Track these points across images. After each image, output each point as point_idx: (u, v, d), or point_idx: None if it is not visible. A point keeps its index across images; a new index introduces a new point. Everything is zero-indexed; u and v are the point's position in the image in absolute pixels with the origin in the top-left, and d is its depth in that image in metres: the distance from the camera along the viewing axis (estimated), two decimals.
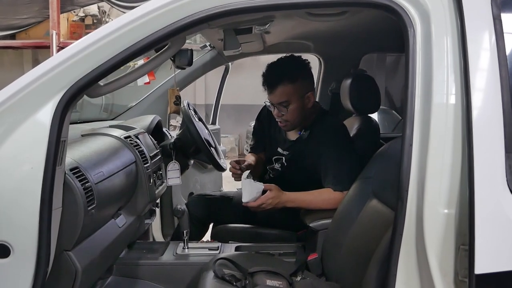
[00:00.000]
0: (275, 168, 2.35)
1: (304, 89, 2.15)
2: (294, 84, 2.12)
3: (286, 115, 2.16)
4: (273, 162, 2.36)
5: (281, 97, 2.14)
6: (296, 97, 2.14)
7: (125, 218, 1.87)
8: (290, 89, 2.12)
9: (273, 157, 2.36)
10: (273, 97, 2.16)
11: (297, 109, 2.15)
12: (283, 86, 2.12)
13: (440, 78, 1.16)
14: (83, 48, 1.28)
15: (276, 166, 2.34)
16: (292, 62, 2.19)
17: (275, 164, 2.35)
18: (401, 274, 1.17)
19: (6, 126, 1.26)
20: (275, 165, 2.35)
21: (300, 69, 2.17)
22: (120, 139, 1.97)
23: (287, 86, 2.12)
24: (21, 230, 1.25)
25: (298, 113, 2.16)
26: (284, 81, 2.12)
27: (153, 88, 3.02)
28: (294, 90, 2.13)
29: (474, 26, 1.14)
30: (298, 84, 2.13)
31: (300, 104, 2.15)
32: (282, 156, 2.31)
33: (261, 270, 1.69)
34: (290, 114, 2.16)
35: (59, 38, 5.67)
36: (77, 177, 1.45)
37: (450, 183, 1.13)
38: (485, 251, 1.07)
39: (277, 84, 2.13)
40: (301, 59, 2.21)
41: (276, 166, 2.34)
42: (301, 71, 2.17)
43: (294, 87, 2.12)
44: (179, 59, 1.79)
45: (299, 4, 1.33)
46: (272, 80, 2.15)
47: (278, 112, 2.18)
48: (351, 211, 1.73)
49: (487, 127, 1.11)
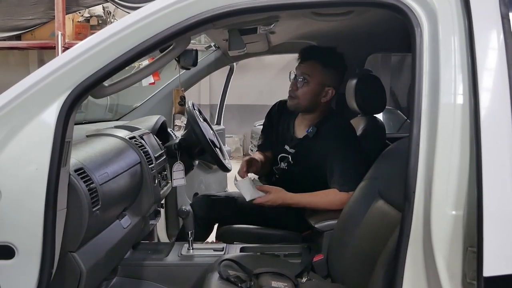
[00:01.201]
0: (281, 168, 2.34)
1: (328, 80, 2.17)
2: (323, 68, 2.15)
3: (299, 91, 2.18)
4: (279, 161, 2.35)
5: (306, 70, 2.16)
6: (317, 80, 2.15)
7: (130, 219, 1.86)
8: (317, 69, 2.15)
9: (279, 155, 2.35)
10: (300, 67, 2.19)
11: (311, 93, 2.17)
12: (314, 62, 2.15)
13: (448, 78, 1.15)
14: (88, 49, 1.28)
15: (282, 165, 2.33)
16: (334, 52, 2.22)
17: (281, 164, 2.34)
18: (408, 276, 1.16)
19: (11, 127, 1.26)
20: (281, 164, 2.34)
21: (337, 62, 2.20)
22: (125, 139, 1.97)
23: (317, 64, 2.15)
24: (25, 231, 1.25)
25: (309, 96, 2.17)
26: (317, 58, 2.15)
27: (158, 88, 3.02)
28: (320, 73, 2.15)
29: (482, 25, 1.13)
30: (326, 71, 2.15)
31: (317, 90, 2.17)
32: (288, 155, 2.30)
33: (266, 271, 1.69)
34: (302, 92, 2.17)
35: (65, 39, 5.69)
36: (82, 178, 1.45)
37: (458, 184, 1.11)
38: (493, 253, 1.05)
39: (310, 57, 2.17)
40: (342, 57, 2.24)
41: (282, 165, 2.33)
42: (337, 64, 2.20)
43: (322, 71, 2.15)
44: (184, 59, 1.79)
45: (304, 4, 1.32)
46: (310, 51, 2.20)
47: (294, 83, 2.19)
48: (357, 212, 1.72)
49: (496, 127, 1.10)
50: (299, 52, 2.23)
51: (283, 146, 2.35)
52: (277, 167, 2.38)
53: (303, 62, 2.19)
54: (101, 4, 6.15)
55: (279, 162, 2.36)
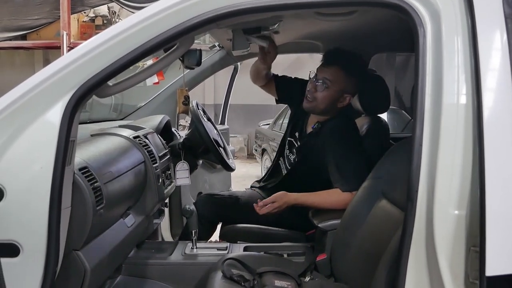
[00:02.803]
0: (289, 158, 2.37)
1: (348, 87, 2.16)
2: (346, 76, 2.14)
3: (318, 94, 2.17)
4: (287, 146, 2.39)
5: (328, 75, 2.15)
6: (338, 87, 2.14)
7: (134, 217, 1.87)
8: (340, 76, 2.14)
9: (288, 139, 2.39)
10: (322, 70, 2.17)
11: (330, 98, 2.16)
12: (338, 67, 2.14)
13: (451, 78, 1.15)
14: (92, 49, 1.28)
15: (291, 156, 2.35)
16: (359, 60, 2.22)
17: (288, 151, 2.38)
18: (410, 275, 1.16)
19: (16, 126, 1.26)
20: (289, 154, 2.37)
21: (359, 69, 2.19)
22: (129, 139, 1.98)
23: (341, 71, 2.13)
24: (30, 229, 1.26)
25: (327, 101, 2.17)
26: (343, 65, 2.13)
27: (162, 88, 3.02)
28: (342, 80, 2.14)
29: (485, 25, 1.13)
30: (349, 79, 2.14)
31: (336, 96, 2.16)
32: (295, 145, 2.33)
33: (270, 270, 1.69)
34: (321, 95, 2.16)
35: (70, 39, 5.72)
36: (86, 177, 1.46)
37: (461, 184, 1.11)
38: (496, 253, 1.05)
39: (335, 63, 2.15)
40: (366, 65, 2.25)
41: (290, 156, 2.36)
42: (359, 71, 2.18)
43: (344, 77, 2.14)
44: (188, 59, 1.80)
45: (308, 3, 1.32)
46: (335, 56, 2.18)
47: (313, 85, 2.18)
48: (360, 212, 1.72)
49: (499, 127, 1.10)
50: (323, 54, 2.22)
51: (294, 130, 2.38)
52: (285, 155, 2.40)
53: (326, 66, 2.16)
54: (106, 4, 6.17)
55: (287, 148, 2.39)
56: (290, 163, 2.37)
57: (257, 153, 8.46)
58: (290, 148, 2.37)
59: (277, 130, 7.33)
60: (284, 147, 2.44)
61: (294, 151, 2.34)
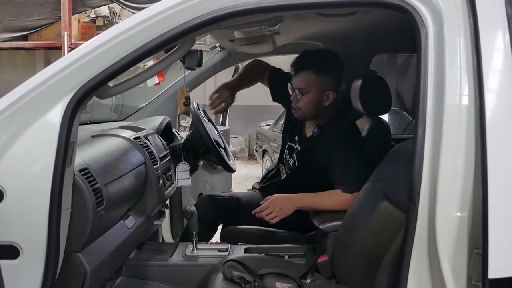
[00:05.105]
0: (289, 163, 2.36)
1: (326, 85, 2.14)
2: (318, 76, 2.12)
3: (300, 103, 2.17)
4: (286, 152, 2.37)
5: (301, 83, 2.15)
6: (315, 89, 2.14)
7: (135, 219, 1.87)
8: (312, 79, 2.13)
9: (288, 144, 2.38)
10: (295, 80, 2.17)
11: (312, 102, 2.15)
12: (306, 72, 2.13)
13: (453, 79, 1.14)
14: (93, 49, 1.28)
15: (290, 161, 2.34)
16: (325, 55, 2.21)
17: (288, 157, 2.36)
18: (412, 277, 1.16)
19: (16, 127, 1.26)
20: (289, 159, 2.35)
21: (330, 64, 2.17)
22: (130, 140, 1.97)
23: (310, 74, 2.13)
24: (30, 231, 1.25)
25: (312, 105, 2.16)
26: (309, 68, 2.13)
27: (163, 89, 3.02)
28: (316, 82, 2.13)
29: (488, 26, 1.13)
30: (321, 77, 2.13)
31: (318, 98, 2.15)
32: (295, 149, 2.32)
33: (271, 272, 1.69)
34: (303, 103, 2.16)
35: (71, 39, 5.73)
36: (87, 178, 1.45)
37: (463, 185, 1.11)
38: (499, 255, 1.05)
39: (302, 68, 2.15)
40: (336, 56, 2.21)
41: (290, 161, 2.35)
42: (330, 66, 2.17)
43: (317, 78, 2.12)
44: (188, 60, 1.79)
45: (309, 4, 1.32)
46: (300, 63, 2.17)
47: (294, 96, 2.18)
48: (361, 213, 1.72)
49: (501, 128, 1.09)
50: (290, 66, 2.22)
51: (293, 135, 2.37)
52: (285, 159, 2.39)
53: (296, 74, 2.17)
54: (107, 5, 6.18)
55: (286, 153, 2.37)
56: (289, 167, 2.35)
57: (258, 154, 8.46)
58: (290, 152, 2.36)
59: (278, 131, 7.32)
60: (284, 152, 2.42)
61: (294, 155, 2.32)
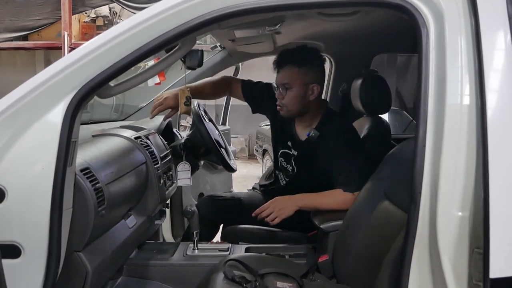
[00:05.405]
0: (287, 170, 2.34)
1: (309, 78, 2.14)
2: (300, 69, 2.12)
3: (285, 99, 2.16)
4: (280, 158, 2.36)
5: (284, 78, 2.15)
6: (298, 82, 2.13)
7: (135, 218, 1.87)
8: (294, 73, 2.13)
9: (281, 150, 2.35)
10: (278, 77, 2.18)
11: (297, 96, 2.15)
12: (289, 67, 2.13)
13: (454, 79, 1.14)
14: (94, 49, 1.28)
15: (288, 167, 2.32)
16: (305, 49, 2.20)
17: (285, 163, 2.34)
18: (413, 277, 1.16)
19: (18, 127, 1.26)
20: (287, 165, 2.33)
21: (311, 57, 2.17)
22: (131, 139, 1.97)
23: (292, 68, 2.13)
24: (32, 230, 1.26)
25: (297, 100, 2.16)
26: (291, 63, 2.13)
27: (163, 88, 3.02)
28: (299, 75, 2.12)
29: (489, 26, 1.12)
30: (304, 70, 2.13)
31: (302, 92, 2.14)
32: (291, 155, 2.30)
33: (271, 271, 1.68)
34: (289, 99, 2.15)
35: (71, 39, 5.72)
36: (88, 177, 1.45)
37: (464, 185, 1.11)
38: (500, 255, 1.05)
39: (284, 64, 2.15)
40: (316, 50, 2.22)
41: (288, 167, 2.33)
42: (311, 59, 2.17)
43: (299, 72, 2.12)
44: (189, 59, 1.79)
45: (310, 4, 1.32)
46: (281, 59, 2.17)
47: (279, 93, 2.18)
48: (362, 213, 1.72)
49: (502, 128, 1.09)
50: (272, 64, 2.21)
51: (285, 141, 2.34)
52: (281, 167, 2.37)
53: (279, 71, 2.17)
54: (107, 5, 6.17)
55: (281, 160, 2.36)
56: (288, 174, 2.33)
57: (258, 153, 8.45)
58: (286, 159, 2.34)
59: None
60: (278, 159, 2.40)
61: (292, 161, 2.30)
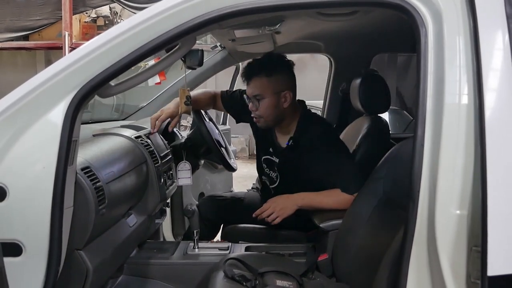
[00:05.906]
0: (271, 177, 2.32)
1: (280, 86, 2.12)
2: (269, 78, 2.10)
3: (259, 110, 2.14)
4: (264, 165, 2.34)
5: (255, 89, 2.12)
6: (270, 92, 2.11)
7: (136, 217, 1.87)
8: (264, 83, 2.10)
9: (264, 157, 2.34)
10: (248, 89, 2.15)
11: (271, 106, 2.12)
12: (258, 78, 2.11)
13: (452, 78, 1.15)
14: (94, 49, 1.29)
15: (272, 174, 2.31)
16: (272, 57, 2.18)
17: (268, 170, 2.33)
18: (412, 275, 1.16)
19: (19, 126, 1.27)
20: (270, 172, 2.32)
21: (279, 65, 2.15)
22: (131, 139, 1.98)
23: (262, 78, 2.10)
24: (33, 229, 1.26)
25: (271, 110, 2.13)
26: (259, 73, 2.11)
27: (164, 88, 3.03)
28: (269, 84, 2.10)
29: (487, 26, 1.13)
30: (273, 79, 2.10)
31: (274, 101, 2.12)
32: (274, 162, 2.28)
33: (271, 270, 1.69)
34: (262, 109, 2.13)
35: (72, 39, 5.73)
36: (88, 176, 1.46)
37: (463, 184, 1.12)
38: (498, 253, 1.05)
39: (252, 75, 2.12)
40: (283, 57, 2.20)
41: (271, 174, 2.32)
42: (279, 67, 2.15)
43: (268, 81, 2.10)
44: (189, 59, 1.80)
45: (310, 4, 1.32)
46: (249, 71, 2.15)
47: (252, 105, 2.16)
48: (361, 212, 1.72)
49: (500, 127, 1.10)
50: (241, 77, 2.20)
51: (267, 147, 2.32)
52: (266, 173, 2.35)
53: (249, 83, 2.15)
54: (108, 5, 6.18)
55: (265, 167, 2.34)
56: (273, 181, 2.32)
57: None
58: (270, 166, 2.32)
59: None
60: (262, 165, 2.38)
61: (275, 168, 2.28)
